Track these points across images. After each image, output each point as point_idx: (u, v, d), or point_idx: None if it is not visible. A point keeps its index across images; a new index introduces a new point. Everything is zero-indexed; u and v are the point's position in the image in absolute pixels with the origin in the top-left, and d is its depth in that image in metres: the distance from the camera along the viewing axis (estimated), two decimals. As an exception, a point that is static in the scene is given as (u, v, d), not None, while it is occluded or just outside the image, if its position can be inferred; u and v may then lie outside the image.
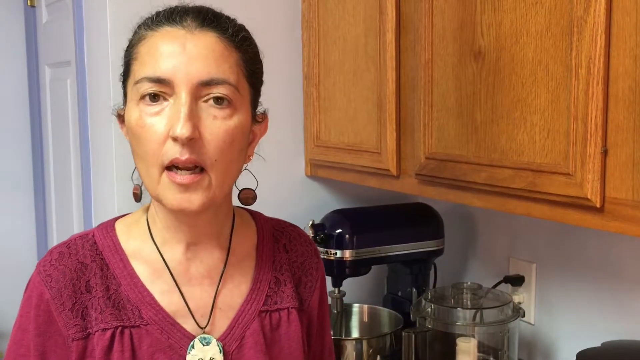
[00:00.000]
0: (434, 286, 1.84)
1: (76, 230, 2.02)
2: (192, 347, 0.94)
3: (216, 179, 0.88)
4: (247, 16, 1.03)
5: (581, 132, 1.06)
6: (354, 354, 1.63)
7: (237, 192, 1.03)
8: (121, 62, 0.94)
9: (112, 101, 0.99)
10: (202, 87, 0.87)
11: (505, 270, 1.73)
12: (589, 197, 1.06)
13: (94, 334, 0.92)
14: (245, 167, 0.98)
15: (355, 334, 1.86)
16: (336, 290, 1.73)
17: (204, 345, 0.94)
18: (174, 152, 0.85)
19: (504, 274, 1.68)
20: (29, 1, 2.48)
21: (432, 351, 1.53)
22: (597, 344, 1.35)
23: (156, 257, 0.96)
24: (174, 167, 0.86)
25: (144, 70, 0.88)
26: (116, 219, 1.02)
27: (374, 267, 1.79)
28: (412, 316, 1.57)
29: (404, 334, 1.52)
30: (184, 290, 0.96)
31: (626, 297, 1.44)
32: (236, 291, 0.99)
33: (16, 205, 2.66)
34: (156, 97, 0.87)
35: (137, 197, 0.98)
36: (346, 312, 1.83)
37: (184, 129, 0.84)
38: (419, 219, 1.81)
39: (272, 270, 1.03)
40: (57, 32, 2.14)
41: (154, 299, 0.94)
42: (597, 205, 1.05)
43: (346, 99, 1.68)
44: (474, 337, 1.48)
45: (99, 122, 1.77)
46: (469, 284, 1.59)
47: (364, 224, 1.74)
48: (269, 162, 1.82)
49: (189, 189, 0.87)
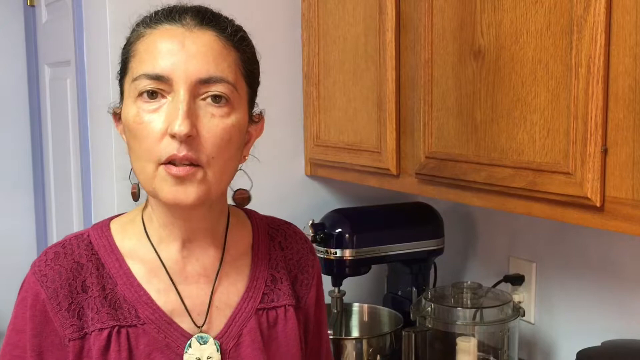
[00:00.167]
0: (434, 285, 1.84)
1: (76, 229, 2.02)
2: (189, 346, 0.94)
3: (213, 176, 0.88)
4: (246, 16, 1.03)
5: (581, 131, 1.06)
6: (354, 353, 1.63)
7: (232, 193, 1.03)
8: (119, 59, 0.94)
9: (112, 100, 0.99)
10: (200, 85, 0.87)
11: (505, 269, 1.73)
12: (588, 196, 1.06)
13: (91, 334, 0.92)
14: (240, 168, 0.97)
15: (355, 333, 1.86)
16: (336, 289, 1.73)
17: (201, 344, 0.94)
18: (171, 148, 0.85)
19: (504, 273, 1.68)
20: (28, 1, 2.48)
21: (432, 350, 1.53)
22: (597, 343, 1.35)
23: (152, 256, 0.96)
24: (171, 163, 0.86)
25: (142, 67, 0.88)
26: (111, 218, 1.02)
27: (374, 267, 1.79)
28: (412, 315, 1.57)
29: (404, 333, 1.52)
30: (180, 289, 0.96)
31: (626, 296, 1.44)
32: (232, 289, 0.99)
33: (16, 205, 2.66)
34: (154, 95, 0.87)
35: (135, 196, 0.98)
36: (346, 311, 1.83)
37: (182, 126, 0.84)
38: (419, 219, 1.81)
39: (268, 268, 1.03)
40: (57, 31, 2.14)
41: (150, 298, 0.94)
42: (597, 204, 1.05)
43: (346, 99, 1.68)
44: (474, 336, 1.48)
45: (99, 122, 1.76)
46: (469, 283, 1.59)
47: (363, 224, 1.74)
48: (269, 162, 1.84)
49: (184, 182, 0.86)
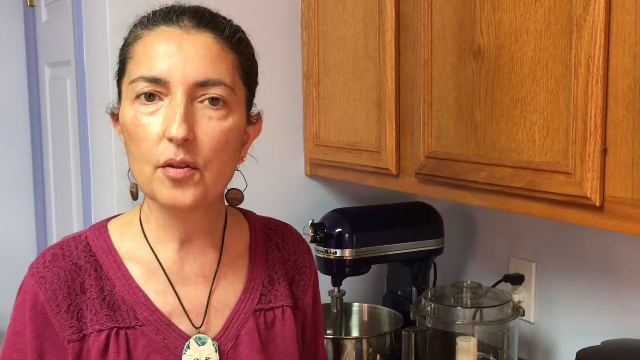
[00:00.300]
0: (434, 285, 1.84)
1: (76, 229, 2.02)
2: (188, 347, 0.94)
3: (210, 178, 0.88)
4: (246, 16, 1.03)
5: (580, 131, 1.06)
6: (354, 353, 1.63)
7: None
8: (117, 60, 0.94)
9: (112, 100, 0.98)
10: (198, 88, 0.87)
11: (505, 269, 1.73)
12: (588, 195, 1.06)
13: (90, 336, 0.92)
14: (238, 168, 0.97)
15: (355, 333, 1.86)
16: (336, 289, 1.73)
17: (199, 345, 0.94)
18: (169, 152, 0.85)
19: (503, 272, 1.68)
20: (28, 1, 2.48)
21: (432, 350, 1.53)
22: (597, 343, 1.35)
23: (150, 257, 0.96)
24: (169, 165, 0.86)
25: (140, 69, 0.87)
26: (108, 219, 1.02)
27: (373, 266, 1.79)
28: (412, 315, 1.57)
29: (403, 333, 1.52)
30: (178, 290, 0.96)
31: (626, 296, 1.44)
32: (230, 290, 0.99)
33: (16, 205, 2.66)
34: (152, 97, 0.87)
35: (133, 196, 0.98)
36: (346, 311, 1.83)
37: (179, 130, 0.84)
38: (418, 218, 1.81)
39: (266, 268, 1.03)
40: (57, 31, 2.14)
41: (148, 299, 0.94)
42: (597, 203, 1.05)
43: (346, 98, 1.68)
44: (473, 336, 1.48)
45: (99, 122, 1.76)
46: (468, 283, 1.59)
47: (363, 223, 1.74)
48: (269, 162, 1.84)
49: (181, 184, 0.86)
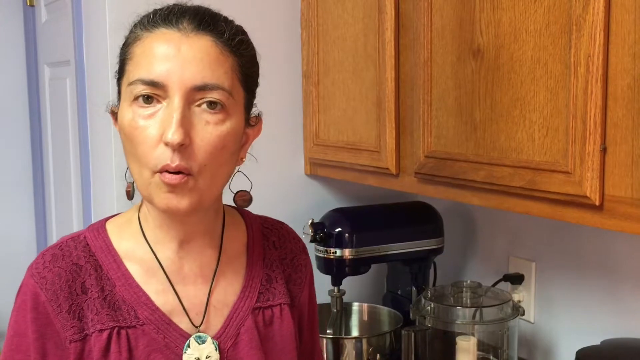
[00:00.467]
0: (434, 285, 1.84)
1: (76, 229, 2.02)
2: (188, 346, 0.94)
3: (204, 183, 0.88)
4: (246, 15, 1.03)
5: (580, 130, 1.06)
6: (354, 352, 1.63)
7: (232, 194, 1.02)
8: (117, 60, 0.94)
9: (112, 100, 0.98)
10: (195, 92, 0.86)
11: (504, 268, 1.73)
12: (588, 195, 1.06)
13: (91, 335, 0.92)
14: (238, 169, 0.97)
15: (355, 332, 1.86)
16: (336, 289, 1.73)
17: (199, 343, 0.95)
18: (165, 157, 0.85)
19: (503, 272, 1.68)
20: (28, 0, 2.48)
21: (431, 350, 1.53)
22: (597, 342, 1.35)
23: (149, 257, 0.96)
24: (165, 171, 0.86)
25: (138, 71, 0.87)
26: (106, 219, 1.01)
27: (373, 266, 1.79)
28: (411, 315, 1.57)
29: (403, 332, 1.52)
30: (178, 289, 0.96)
31: (626, 295, 1.44)
32: (229, 289, 1.00)
33: (16, 205, 2.66)
34: (149, 99, 0.86)
35: (129, 195, 0.98)
36: (346, 311, 1.83)
37: (175, 135, 0.84)
38: (418, 218, 1.81)
39: (263, 267, 1.04)
40: (56, 31, 2.14)
41: (149, 298, 0.94)
42: (596, 203, 1.05)
43: (345, 98, 1.68)
44: (473, 335, 1.48)
45: (99, 121, 1.76)
46: (468, 282, 1.59)
47: (363, 223, 1.74)
48: (269, 161, 1.84)
49: (176, 190, 0.86)
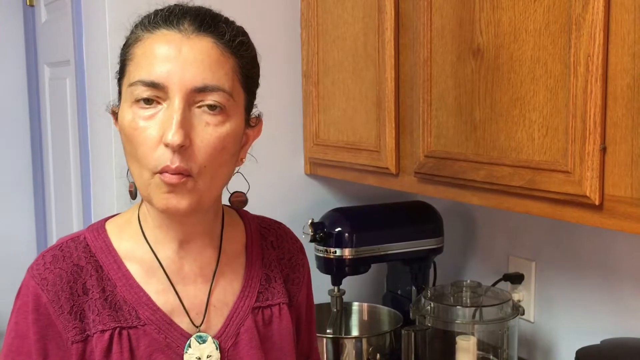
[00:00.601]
0: (434, 284, 1.84)
1: (76, 229, 2.02)
2: (189, 345, 0.94)
3: (204, 184, 0.88)
4: (246, 15, 1.03)
5: (580, 130, 1.06)
6: (354, 352, 1.63)
7: (228, 194, 1.03)
8: (118, 60, 0.94)
9: (112, 100, 0.98)
10: (196, 93, 0.86)
11: (504, 268, 1.73)
12: (587, 194, 1.06)
13: (93, 336, 0.92)
14: (237, 170, 0.97)
15: (355, 332, 1.86)
16: (336, 288, 1.73)
17: (200, 343, 0.95)
18: (165, 158, 0.85)
19: (503, 272, 1.68)
20: (28, 0, 2.48)
21: (431, 349, 1.53)
22: (597, 342, 1.35)
23: (150, 257, 0.96)
24: (165, 172, 0.86)
25: (139, 73, 0.87)
26: (106, 219, 1.01)
27: (373, 266, 1.79)
28: (411, 314, 1.57)
29: (403, 332, 1.52)
30: (178, 289, 0.96)
31: (626, 295, 1.44)
32: (229, 289, 1.00)
33: (16, 205, 2.66)
34: (150, 101, 0.87)
35: (132, 195, 0.98)
36: (346, 310, 1.83)
37: (175, 137, 0.84)
38: (418, 217, 1.81)
39: (262, 267, 1.04)
40: (56, 31, 2.14)
41: (150, 299, 0.94)
42: (596, 202, 1.05)
43: (345, 98, 1.68)
44: (473, 335, 1.48)
45: (98, 121, 1.76)
46: (468, 282, 1.59)
47: (363, 223, 1.74)
48: (268, 161, 1.84)
49: (175, 190, 0.87)
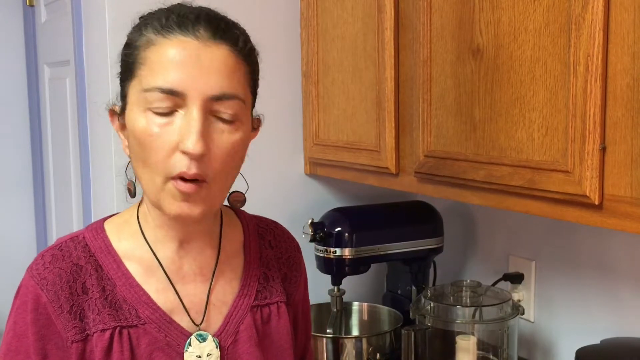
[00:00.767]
0: (434, 284, 1.84)
1: (76, 229, 2.02)
2: (189, 344, 0.95)
3: (217, 189, 0.89)
4: (246, 15, 1.03)
5: (579, 130, 1.06)
6: (354, 352, 1.63)
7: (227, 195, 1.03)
8: (119, 59, 0.93)
9: (111, 100, 0.98)
10: (213, 101, 0.86)
11: (504, 267, 1.73)
12: (587, 194, 1.06)
13: (93, 335, 0.92)
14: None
15: (355, 332, 1.86)
16: (336, 288, 1.73)
17: (200, 342, 0.95)
18: (182, 165, 0.85)
19: (503, 271, 1.68)
20: (28, 0, 2.47)
21: (431, 349, 1.53)
22: (597, 342, 1.35)
23: (149, 256, 0.97)
24: (180, 178, 0.86)
25: (155, 79, 0.86)
26: (105, 219, 1.02)
27: (373, 265, 1.79)
28: (411, 314, 1.57)
29: (403, 331, 1.52)
30: (177, 288, 0.97)
31: (625, 295, 1.44)
32: (228, 288, 1.01)
33: (16, 204, 2.66)
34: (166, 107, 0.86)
35: (131, 193, 0.98)
36: (346, 310, 1.83)
37: (197, 146, 0.84)
38: (418, 217, 1.81)
39: (260, 266, 1.05)
40: (56, 31, 2.14)
41: (149, 298, 0.95)
42: (596, 202, 1.05)
43: (345, 97, 1.68)
44: (473, 334, 1.48)
45: (98, 121, 1.76)
46: (468, 281, 1.59)
47: (363, 222, 1.74)
48: (268, 161, 1.84)
49: (190, 198, 0.87)
